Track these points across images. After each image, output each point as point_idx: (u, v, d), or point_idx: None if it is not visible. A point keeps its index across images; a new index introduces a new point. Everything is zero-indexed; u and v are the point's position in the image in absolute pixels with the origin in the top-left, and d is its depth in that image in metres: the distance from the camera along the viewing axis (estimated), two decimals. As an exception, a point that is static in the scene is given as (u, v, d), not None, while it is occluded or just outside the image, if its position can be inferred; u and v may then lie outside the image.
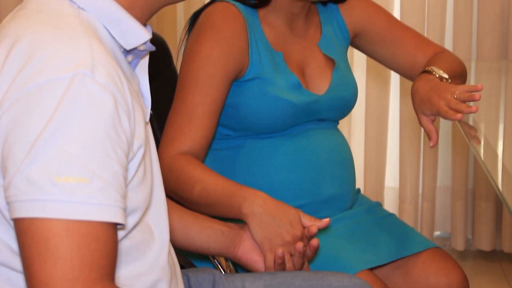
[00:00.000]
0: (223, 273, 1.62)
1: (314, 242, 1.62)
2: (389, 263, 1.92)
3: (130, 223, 1.16)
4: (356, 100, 2.02)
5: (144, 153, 1.16)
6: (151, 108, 1.28)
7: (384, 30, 2.04)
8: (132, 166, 1.14)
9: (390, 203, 3.54)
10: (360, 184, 3.46)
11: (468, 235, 3.52)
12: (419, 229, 3.47)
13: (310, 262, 1.73)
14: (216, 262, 1.80)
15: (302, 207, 1.82)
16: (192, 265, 1.81)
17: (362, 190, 3.46)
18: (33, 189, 1.02)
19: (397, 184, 3.50)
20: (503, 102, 2.26)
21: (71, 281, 1.02)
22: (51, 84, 1.04)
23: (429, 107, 1.83)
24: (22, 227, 1.03)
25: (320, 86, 1.94)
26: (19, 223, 1.04)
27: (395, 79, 3.42)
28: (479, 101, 1.80)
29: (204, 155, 1.83)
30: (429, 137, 1.85)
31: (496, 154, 1.72)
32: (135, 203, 1.16)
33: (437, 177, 3.48)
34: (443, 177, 3.51)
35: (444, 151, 3.48)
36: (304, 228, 1.65)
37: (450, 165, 3.46)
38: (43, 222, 1.02)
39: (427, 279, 1.92)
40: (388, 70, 3.29)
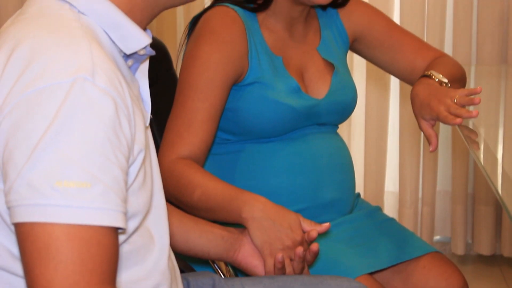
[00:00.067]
0: (223, 277, 1.62)
1: (314, 247, 1.62)
2: (389, 268, 1.92)
3: (130, 228, 1.16)
4: (356, 104, 2.02)
5: (144, 158, 1.16)
6: (151, 113, 1.28)
7: (384, 35, 2.04)
8: (133, 171, 1.14)
9: (390, 208, 3.54)
10: (360, 189, 3.46)
11: (468, 240, 3.52)
12: (419, 234, 3.47)
13: (310, 267, 1.73)
14: (216, 267, 1.80)
15: (302, 211, 1.82)
16: (192, 270, 1.81)
17: (362, 195, 3.46)
18: (34, 194, 1.02)
19: (397, 189, 3.50)
20: (503, 107, 2.26)
21: (72, 286, 1.02)
22: (52, 89, 1.04)
23: (429, 112, 1.83)
24: (23, 232, 1.03)
25: (320, 91, 1.94)
26: (20, 228, 1.04)
27: (395, 84, 3.42)
28: (479, 106, 1.81)
29: (204, 160, 1.83)
30: (429, 142, 1.85)
31: (496, 159, 1.72)
32: (135, 208, 1.16)
33: (437, 182, 3.48)
34: (443, 182, 3.51)
35: (444, 156, 3.48)
36: (304, 233, 1.65)
37: (450, 170, 3.46)
38: (44, 227, 1.02)
39: (427, 284, 1.92)
40: (388, 75, 3.29)
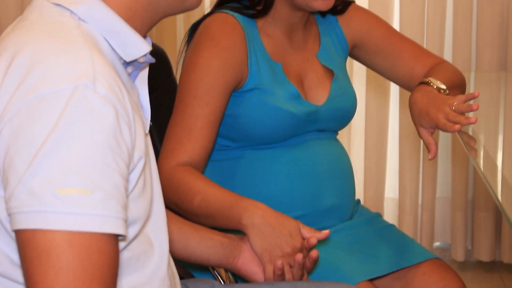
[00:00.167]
0: (223, 284, 1.62)
1: (314, 254, 1.62)
2: (389, 274, 1.92)
3: (130, 235, 1.16)
4: (355, 111, 2.02)
5: (144, 165, 1.16)
6: (151, 119, 1.28)
7: (383, 41, 2.04)
8: (133, 178, 1.14)
9: (390, 214, 3.54)
10: (360, 195, 3.46)
11: (468, 246, 3.52)
12: (419, 240, 3.47)
13: (310, 273, 1.73)
14: (216, 273, 1.80)
15: (302, 218, 1.82)
16: (192, 276, 1.81)
17: (362, 201, 3.46)
18: (35, 201, 1.02)
19: (397, 195, 3.50)
20: (503, 113, 2.26)
21: (73, 292, 1.02)
22: (53, 96, 1.04)
23: (428, 121, 1.83)
24: (24, 239, 1.03)
25: (319, 97, 1.94)
26: (21, 235, 1.04)
27: (395, 90, 3.42)
28: (479, 112, 1.81)
29: (204, 166, 1.83)
30: (428, 149, 1.85)
31: (496, 165, 1.73)
32: (135, 215, 1.16)
33: (437, 188, 3.48)
34: (443, 188, 3.51)
35: (444, 162, 3.48)
36: (304, 240, 1.65)
37: (450, 176, 3.46)
38: (45, 234, 1.02)
39: (427, 290, 1.92)
40: (388, 81, 3.29)
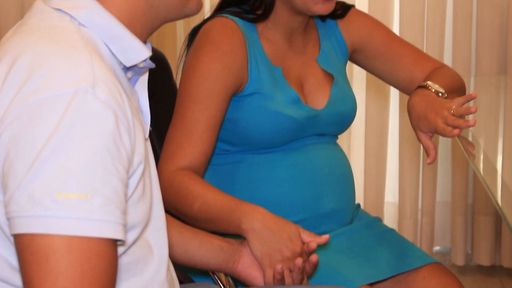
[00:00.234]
0: (222, 288, 1.62)
1: (314, 258, 1.62)
2: (389, 279, 1.92)
3: (129, 239, 1.16)
4: (355, 115, 2.02)
5: (144, 169, 1.16)
6: (151, 124, 1.28)
7: (383, 46, 2.04)
8: (132, 182, 1.14)
9: (390, 218, 3.54)
10: (360, 199, 3.46)
11: (468, 250, 3.52)
12: (419, 244, 3.47)
13: (310, 278, 1.73)
14: (216, 278, 1.80)
15: (302, 222, 1.82)
16: (192, 281, 1.81)
17: (362, 205, 3.46)
18: (34, 205, 1.02)
19: (397, 199, 3.50)
20: (502, 117, 2.26)
21: (71, 297, 1.02)
22: (53, 100, 1.04)
23: (427, 125, 1.83)
24: (23, 243, 1.03)
25: (319, 101, 1.94)
26: (20, 239, 1.04)
27: (395, 94, 3.42)
28: (478, 116, 1.81)
29: (204, 171, 1.83)
30: (427, 153, 1.85)
31: (496, 169, 1.73)
32: (135, 219, 1.16)
33: (437, 192, 3.48)
34: (443, 192, 3.51)
35: (444, 166, 3.48)
36: (304, 244, 1.65)
37: (450, 180, 3.46)
38: (44, 238, 1.02)
39: (427, 295, 1.92)
40: (388, 85, 3.28)
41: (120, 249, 1.15)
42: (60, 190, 1.02)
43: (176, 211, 1.75)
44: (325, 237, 1.65)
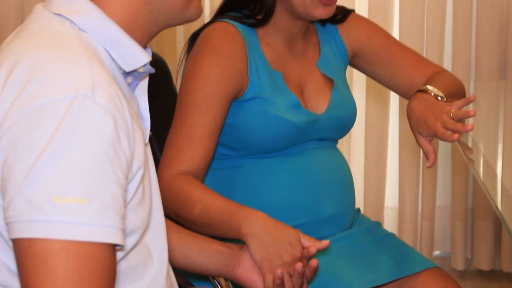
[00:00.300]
0: (222, 293, 1.62)
1: (313, 263, 1.62)
2: (389, 283, 1.92)
3: (129, 244, 1.16)
4: (355, 120, 2.02)
5: (143, 174, 1.16)
6: (151, 129, 1.28)
7: (383, 50, 2.04)
8: (131, 187, 1.14)
9: (390, 223, 3.54)
10: (360, 204, 3.46)
11: (468, 255, 3.52)
12: (419, 249, 3.46)
13: (310, 282, 1.72)
14: (216, 282, 1.79)
15: (302, 227, 1.82)
16: (191, 285, 1.81)
17: (362, 210, 3.46)
18: (33, 210, 1.02)
19: (397, 204, 3.50)
20: (502, 122, 2.26)
21: (70, 302, 1.02)
22: (52, 105, 1.05)
23: (426, 130, 1.83)
24: (21, 248, 1.03)
25: (319, 106, 1.94)
26: (18, 244, 1.04)
27: (395, 99, 3.42)
28: (478, 121, 1.81)
29: (204, 175, 1.83)
30: (427, 157, 1.85)
31: (495, 174, 1.73)
32: (134, 224, 1.16)
33: (437, 197, 3.48)
34: (443, 197, 3.51)
35: (444, 171, 3.48)
36: (304, 249, 1.65)
37: (450, 185, 3.46)
38: (43, 243, 1.02)
39: (427, 299, 1.92)
40: (388, 90, 3.29)
41: (119, 254, 1.15)
42: (59, 195, 1.02)
43: (176, 216, 1.75)
44: (325, 243, 1.65)
